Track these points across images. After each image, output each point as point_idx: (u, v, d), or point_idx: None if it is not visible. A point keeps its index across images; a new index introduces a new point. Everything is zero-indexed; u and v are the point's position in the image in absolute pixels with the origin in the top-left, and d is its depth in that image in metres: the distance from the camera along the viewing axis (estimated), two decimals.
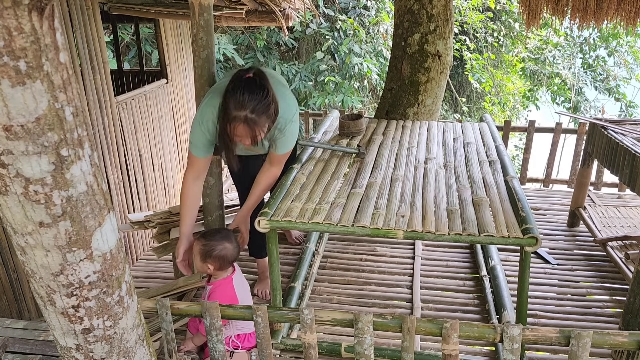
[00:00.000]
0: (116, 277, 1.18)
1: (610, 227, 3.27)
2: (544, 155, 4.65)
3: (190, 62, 4.15)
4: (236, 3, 3.42)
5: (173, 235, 2.65)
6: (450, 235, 1.88)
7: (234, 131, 2.03)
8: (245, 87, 2.00)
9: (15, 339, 2.07)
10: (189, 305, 1.85)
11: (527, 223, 1.88)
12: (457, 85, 8.71)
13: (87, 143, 1.04)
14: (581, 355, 1.57)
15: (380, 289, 2.81)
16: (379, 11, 7.43)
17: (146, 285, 2.97)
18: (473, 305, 2.67)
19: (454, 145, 2.83)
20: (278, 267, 2.18)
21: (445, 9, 3.35)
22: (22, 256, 1.08)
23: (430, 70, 3.44)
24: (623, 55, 9.08)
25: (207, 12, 2.33)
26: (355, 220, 1.98)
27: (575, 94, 9.05)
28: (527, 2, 3.02)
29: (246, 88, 2.00)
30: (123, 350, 1.27)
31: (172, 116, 3.97)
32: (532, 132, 4.23)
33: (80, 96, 1.02)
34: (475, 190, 2.24)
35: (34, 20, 0.86)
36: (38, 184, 0.96)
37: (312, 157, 2.65)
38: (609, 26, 3.09)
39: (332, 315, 1.75)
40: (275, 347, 2.26)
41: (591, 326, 2.49)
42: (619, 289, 2.80)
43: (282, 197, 2.17)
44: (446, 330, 1.63)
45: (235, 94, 2.00)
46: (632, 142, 2.75)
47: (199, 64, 2.39)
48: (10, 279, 2.58)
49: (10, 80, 0.86)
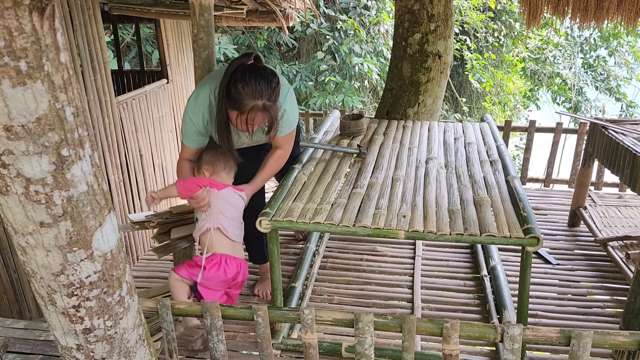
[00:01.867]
0: (117, 277, 1.18)
1: (611, 227, 3.26)
2: (545, 155, 4.64)
3: (191, 62, 4.15)
4: (237, 3, 3.43)
5: (174, 236, 2.65)
6: (452, 235, 1.88)
7: (253, 120, 2.05)
8: (257, 75, 2.01)
9: (16, 339, 2.07)
10: (189, 305, 1.85)
11: (528, 223, 1.88)
12: (457, 85, 8.70)
13: (88, 143, 1.04)
14: (582, 355, 1.57)
15: (380, 289, 2.81)
16: (379, 11, 7.43)
17: (147, 285, 2.97)
18: (474, 305, 2.67)
19: (455, 145, 2.83)
20: (279, 267, 2.18)
21: (445, 8, 3.35)
22: (23, 256, 1.08)
23: (430, 70, 3.44)
24: (624, 55, 9.08)
25: (207, 12, 2.33)
26: (357, 220, 1.98)
27: (575, 94, 9.04)
28: (527, 2, 3.02)
29: (258, 76, 2.01)
30: (124, 350, 1.27)
31: (172, 116, 3.98)
32: (533, 132, 4.23)
33: (80, 96, 1.02)
34: (477, 190, 2.24)
35: (35, 21, 0.86)
36: (39, 184, 0.96)
37: (313, 157, 2.64)
38: (610, 26, 3.09)
39: (333, 315, 1.75)
40: (275, 347, 2.26)
41: (592, 326, 2.49)
42: (619, 289, 2.80)
43: (283, 197, 2.18)
44: (447, 330, 1.63)
45: (250, 83, 1.99)
46: (632, 142, 2.74)
47: (199, 64, 2.40)
48: (11, 279, 2.58)
49: (11, 81, 0.86)
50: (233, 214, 2.23)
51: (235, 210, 2.25)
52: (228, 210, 2.21)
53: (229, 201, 2.22)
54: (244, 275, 2.29)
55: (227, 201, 2.21)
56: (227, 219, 2.20)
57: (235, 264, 2.20)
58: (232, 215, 2.22)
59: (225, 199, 2.21)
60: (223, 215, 2.18)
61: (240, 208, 2.28)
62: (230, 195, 2.23)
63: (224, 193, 2.20)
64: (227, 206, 2.21)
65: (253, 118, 2.04)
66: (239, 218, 2.28)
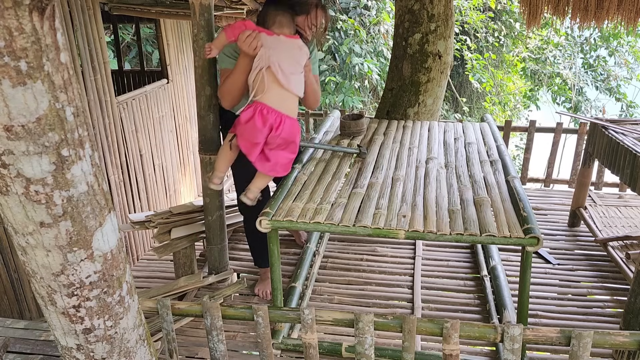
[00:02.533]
0: (117, 277, 1.18)
1: (611, 227, 3.26)
2: (545, 155, 4.64)
3: (191, 62, 4.15)
4: (237, 3, 3.43)
5: (174, 236, 2.66)
6: (452, 235, 1.88)
7: (316, 18, 2.35)
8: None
9: (16, 339, 2.07)
10: (189, 305, 1.85)
11: (528, 223, 1.88)
12: (457, 85, 8.70)
13: (88, 143, 1.04)
14: (582, 355, 1.57)
15: (381, 289, 2.81)
16: (379, 11, 7.43)
17: (147, 285, 2.97)
18: (474, 305, 2.67)
19: (455, 145, 2.83)
20: (279, 267, 2.18)
21: (445, 8, 3.35)
22: (23, 256, 1.08)
23: (431, 70, 3.44)
24: (624, 55, 9.09)
25: (207, 12, 2.33)
26: (357, 220, 1.98)
27: (575, 94, 9.04)
28: (527, 2, 3.02)
29: None
30: (124, 350, 1.27)
31: (172, 116, 3.98)
32: (533, 132, 4.23)
33: (81, 96, 1.02)
34: (477, 190, 2.24)
35: (35, 21, 0.86)
36: (39, 184, 0.96)
37: (313, 157, 2.64)
38: (610, 26, 3.09)
39: (333, 315, 1.75)
40: (276, 347, 2.26)
41: (592, 326, 2.49)
42: (619, 289, 2.80)
43: (283, 197, 2.17)
44: (447, 330, 1.63)
45: None
46: (632, 142, 2.74)
47: (199, 64, 2.40)
48: (11, 279, 2.58)
49: (11, 81, 0.86)
50: (290, 63, 2.10)
51: (291, 59, 2.11)
52: (283, 57, 2.08)
53: (281, 46, 2.09)
54: (289, 135, 2.12)
55: (279, 44, 2.09)
56: (284, 64, 2.08)
57: (274, 116, 2.06)
58: (288, 64, 2.09)
59: (278, 42, 2.09)
60: (278, 60, 2.06)
61: (298, 58, 2.14)
62: (283, 41, 2.10)
63: (274, 37, 2.09)
64: (282, 51, 2.08)
65: (316, 16, 2.33)
66: (298, 68, 2.15)
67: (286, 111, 2.11)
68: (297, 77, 2.15)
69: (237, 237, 3.39)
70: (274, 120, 2.07)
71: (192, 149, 4.36)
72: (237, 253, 3.20)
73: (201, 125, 2.51)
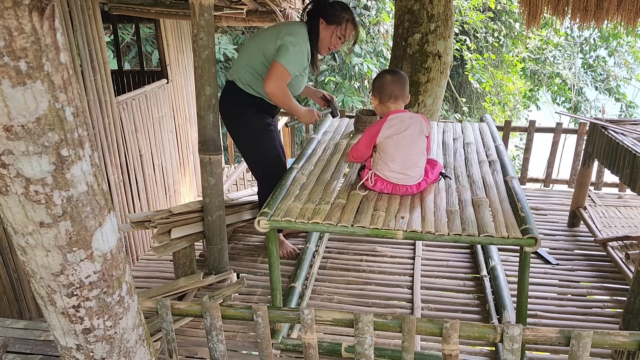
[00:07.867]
0: (117, 277, 1.18)
1: (611, 227, 3.27)
2: (545, 155, 4.65)
3: (191, 62, 4.15)
4: (237, 3, 3.43)
5: (174, 236, 2.66)
6: (450, 236, 1.88)
7: (345, 32, 2.59)
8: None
9: (15, 339, 2.07)
10: (189, 306, 1.85)
11: (526, 223, 1.88)
12: (457, 85, 8.71)
13: (88, 143, 1.04)
14: (581, 356, 1.57)
15: (380, 289, 2.81)
16: (379, 11, 7.42)
17: (147, 286, 2.97)
18: (473, 306, 2.67)
19: (454, 145, 2.83)
20: (278, 267, 2.19)
21: (445, 9, 3.35)
22: (23, 256, 1.08)
23: (430, 70, 3.45)
24: (623, 55, 9.09)
25: (207, 12, 2.33)
26: (355, 220, 1.98)
27: (575, 94, 9.05)
28: (527, 2, 3.02)
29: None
30: (123, 350, 1.27)
31: (172, 116, 3.98)
32: (533, 132, 4.23)
33: (80, 96, 1.02)
34: (475, 190, 2.24)
35: (35, 21, 0.86)
36: (38, 184, 0.96)
37: (312, 157, 2.65)
38: (610, 26, 3.09)
39: (333, 315, 1.75)
40: (275, 347, 2.27)
41: (591, 326, 2.49)
42: (619, 289, 2.80)
43: (282, 197, 2.18)
44: (446, 331, 1.63)
45: (340, 3, 2.56)
46: (632, 142, 2.74)
47: (199, 64, 2.40)
48: (10, 279, 2.58)
49: (11, 81, 0.86)
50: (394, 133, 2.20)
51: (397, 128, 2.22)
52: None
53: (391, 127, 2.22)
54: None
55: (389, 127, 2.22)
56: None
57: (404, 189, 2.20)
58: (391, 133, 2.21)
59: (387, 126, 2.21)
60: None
61: (409, 127, 2.21)
62: (393, 122, 2.22)
63: (384, 124, 2.22)
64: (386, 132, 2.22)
65: (346, 28, 2.57)
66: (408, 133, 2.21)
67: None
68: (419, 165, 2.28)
69: (237, 237, 3.39)
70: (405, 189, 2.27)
71: (192, 149, 4.36)
72: (237, 253, 3.20)
73: (201, 126, 2.51)
